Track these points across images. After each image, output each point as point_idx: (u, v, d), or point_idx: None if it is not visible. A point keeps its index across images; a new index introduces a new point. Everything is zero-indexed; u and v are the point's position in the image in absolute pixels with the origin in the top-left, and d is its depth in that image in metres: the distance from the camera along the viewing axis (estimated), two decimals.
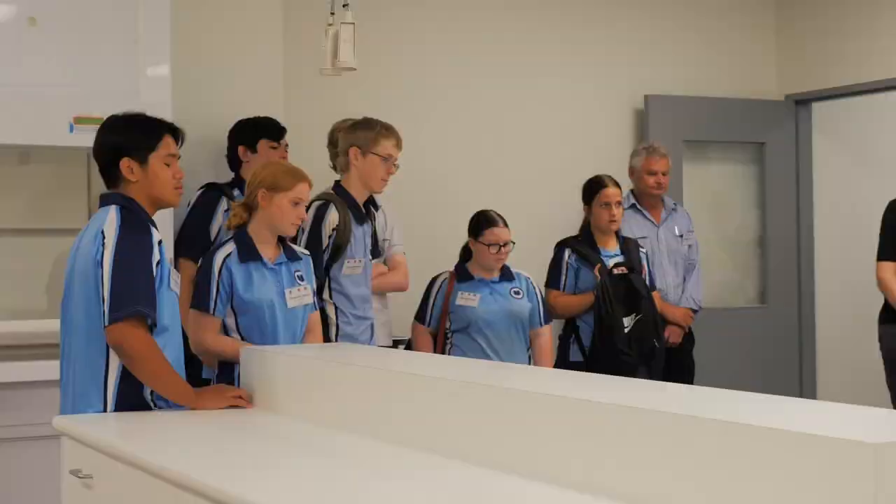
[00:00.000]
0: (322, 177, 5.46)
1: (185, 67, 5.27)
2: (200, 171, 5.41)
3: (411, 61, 6.72)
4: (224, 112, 5.42)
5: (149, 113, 4.72)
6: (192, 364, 4.49)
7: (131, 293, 3.47)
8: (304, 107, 6.25)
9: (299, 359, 3.56)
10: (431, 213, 6.61)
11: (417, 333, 5.53)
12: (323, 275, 4.72)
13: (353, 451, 2.99)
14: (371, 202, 5.57)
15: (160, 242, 3.65)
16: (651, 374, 5.69)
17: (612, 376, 3.11)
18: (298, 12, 6.09)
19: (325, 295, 4.77)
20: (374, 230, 5.10)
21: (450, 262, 5.61)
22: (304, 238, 4.71)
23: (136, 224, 3.61)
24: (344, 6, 4.12)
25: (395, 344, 5.67)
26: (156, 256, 3.59)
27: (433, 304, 5.51)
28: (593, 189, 5.89)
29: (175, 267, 5.03)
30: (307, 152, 5.96)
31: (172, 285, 3.66)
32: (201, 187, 5.31)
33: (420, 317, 5.54)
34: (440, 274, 5.58)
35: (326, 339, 4.72)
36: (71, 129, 4.73)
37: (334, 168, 5.31)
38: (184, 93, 5.22)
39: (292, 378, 3.55)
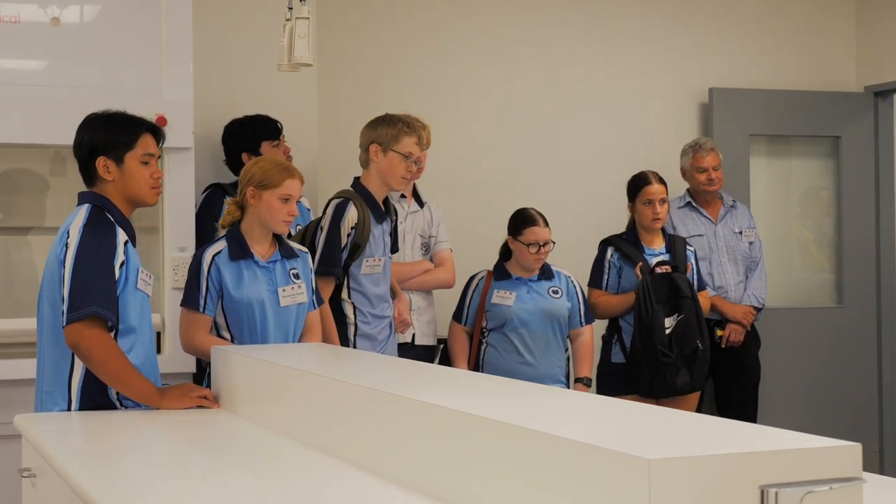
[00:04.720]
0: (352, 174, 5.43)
1: (209, 65, 5.28)
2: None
3: (457, 55, 6.61)
4: (253, 110, 5.38)
5: (171, 112, 4.75)
6: None
7: (88, 294, 3.46)
8: (340, 104, 6.20)
9: (256, 361, 3.49)
10: (482, 209, 6.51)
11: (454, 332, 5.50)
12: (342, 274, 4.67)
13: (292, 463, 2.87)
14: (417, 198, 5.50)
15: (127, 243, 3.63)
16: (693, 376, 5.52)
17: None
18: (331, 7, 6.07)
19: (344, 294, 4.72)
20: (395, 227, 5.01)
21: (494, 260, 5.53)
22: (322, 236, 4.65)
23: (101, 224, 3.60)
24: (301, 1, 4.06)
25: (439, 343, 5.60)
26: (119, 257, 3.57)
27: (470, 302, 5.46)
28: (637, 186, 5.73)
29: None
30: (342, 151, 5.92)
31: (140, 285, 3.64)
32: (206, 189, 5.29)
33: (457, 315, 5.50)
34: (478, 272, 5.52)
35: (344, 338, 4.66)
36: None
37: None
38: (209, 91, 5.24)
39: (250, 381, 3.50)
